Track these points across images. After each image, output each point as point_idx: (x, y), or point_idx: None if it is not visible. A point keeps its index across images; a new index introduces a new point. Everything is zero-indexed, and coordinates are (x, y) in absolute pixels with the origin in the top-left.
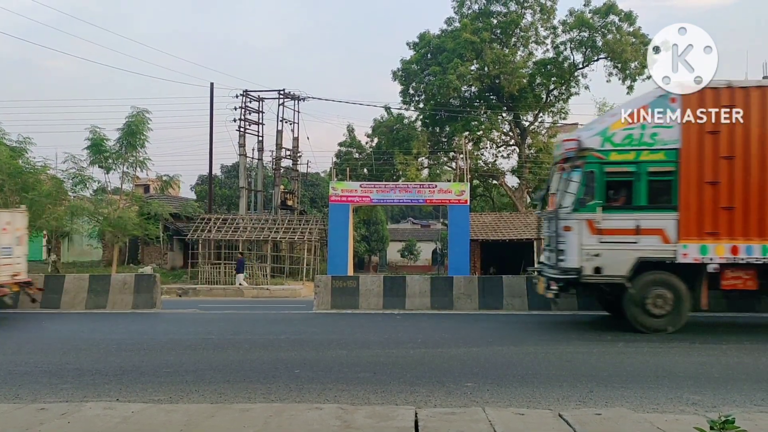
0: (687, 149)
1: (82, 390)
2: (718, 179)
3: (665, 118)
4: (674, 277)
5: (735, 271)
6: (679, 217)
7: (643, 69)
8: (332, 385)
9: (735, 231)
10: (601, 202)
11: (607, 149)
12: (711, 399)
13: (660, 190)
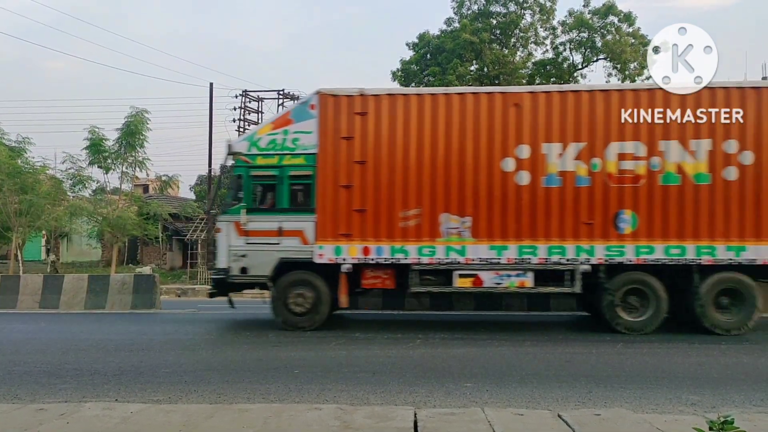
0: (323, 154)
1: (81, 390)
2: (351, 183)
3: (306, 124)
4: (315, 277)
5: (375, 271)
6: (316, 219)
7: (643, 69)
8: (332, 385)
9: (367, 232)
10: (247, 205)
11: (254, 153)
12: (710, 399)
13: (300, 193)
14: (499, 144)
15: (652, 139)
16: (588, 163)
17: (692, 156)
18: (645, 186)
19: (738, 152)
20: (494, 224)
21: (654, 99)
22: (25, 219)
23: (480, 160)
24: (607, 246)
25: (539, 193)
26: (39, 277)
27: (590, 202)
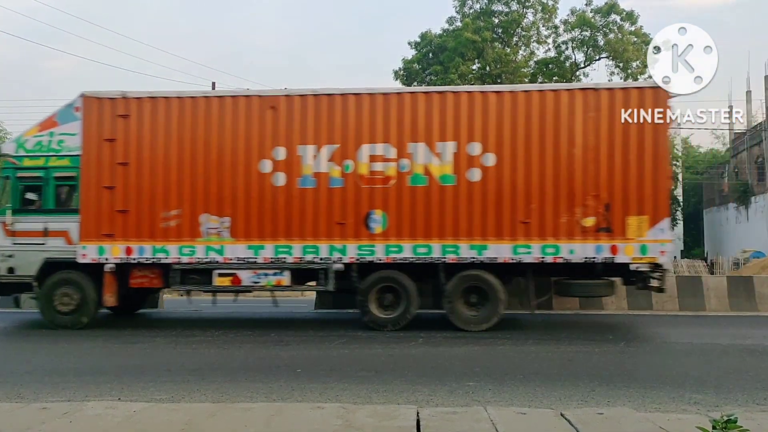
0: (87, 156)
1: (84, 389)
2: (114, 184)
3: (70, 126)
4: (82, 277)
5: (142, 271)
6: (80, 220)
7: (645, 68)
8: (334, 384)
9: (129, 233)
10: (13, 206)
11: (21, 155)
12: (713, 398)
13: (66, 194)
14: (257, 146)
15: (401, 141)
16: (341, 164)
17: (438, 158)
18: (394, 187)
19: (481, 154)
20: (252, 225)
21: (402, 102)
22: None
23: (238, 162)
24: (359, 245)
25: (294, 193)
26: None
27: (343, 203)
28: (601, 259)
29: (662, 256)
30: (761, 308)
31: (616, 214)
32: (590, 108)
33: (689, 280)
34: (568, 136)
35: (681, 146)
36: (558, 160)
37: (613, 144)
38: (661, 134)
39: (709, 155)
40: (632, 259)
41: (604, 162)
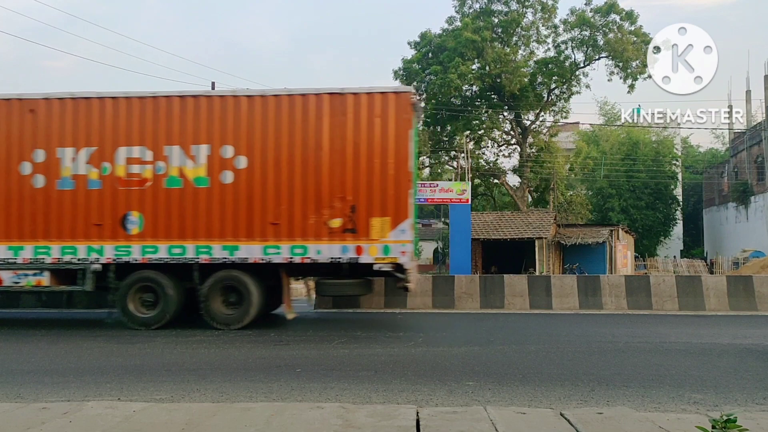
0: None
1: (84, 389)
2: None
3: None
4: None
5: None
6: None
7: (644, 68)
8: (334, 384)
9: None
10: None
11: None
12: (713, 398)
13: None
14: (17, 148)
15: (157, 144)
16: (99, 166)
17: (193, 160)
18: (151, 189)
19: (233, 157)
20: (11, 225)
21: (158, 106)
22: None
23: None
24: (116, 246)
25: (53, 195)
26: None
27: (100, 204)
28: (347, 259)
29: (403, 257)
30: (761, 308)
31: (361, 216)
32: (337, 112)
33: (689, 280)
34: (316, 139)
35: (681, 146)
36: (306, 163)
37: (359, 147)
38: (403, 138)
39: (709, 155)
40: (375, 260)
41: (350, 165)
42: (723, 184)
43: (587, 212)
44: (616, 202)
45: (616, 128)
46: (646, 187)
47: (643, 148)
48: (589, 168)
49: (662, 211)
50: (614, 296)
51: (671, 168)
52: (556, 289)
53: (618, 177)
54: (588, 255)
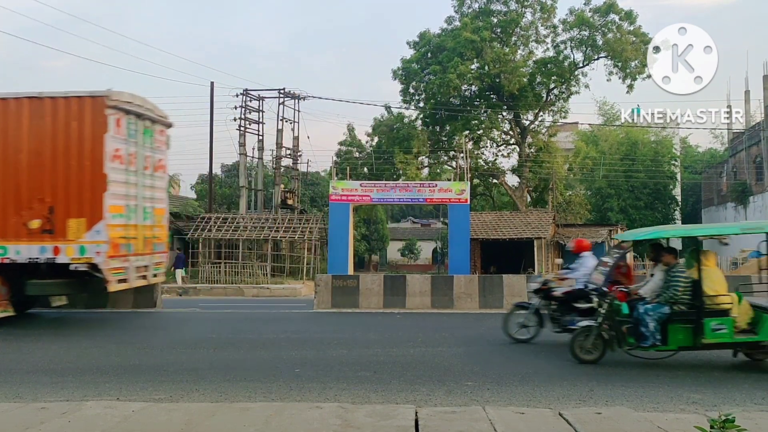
0: None
1: (83, 389)
2: None
3: None
4: None
5: None
6: None
7: (644, 68)
8: (333, 384)
9: None
10: None
11: None
12: (711, 398)
13: None
14: None
15: None
16: None
17: None
18: None
19: None
20: None
21: None
22: None
23: None
24: None
25: None
26: None
27: None
28: (44, 259)
29: (98, 257)
30: None
31: (59, 217)
32: (36, 116)
33: None
34: (16, 142)
35: (679, 146)
36: (7, 165)
37: (57, 150)
38: (99, 141)
39: (708, 155)
40: (72, 260)
41: (49, 167)
42: (722, 184)
43: (586, 212)
44: (615, 202)
45: (615, 128)
46: (645, 187)
47: (642, 148)
48: (588, 168)
49: (661, 211)
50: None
51: (670, 168)
52: None
53: (617, 177)
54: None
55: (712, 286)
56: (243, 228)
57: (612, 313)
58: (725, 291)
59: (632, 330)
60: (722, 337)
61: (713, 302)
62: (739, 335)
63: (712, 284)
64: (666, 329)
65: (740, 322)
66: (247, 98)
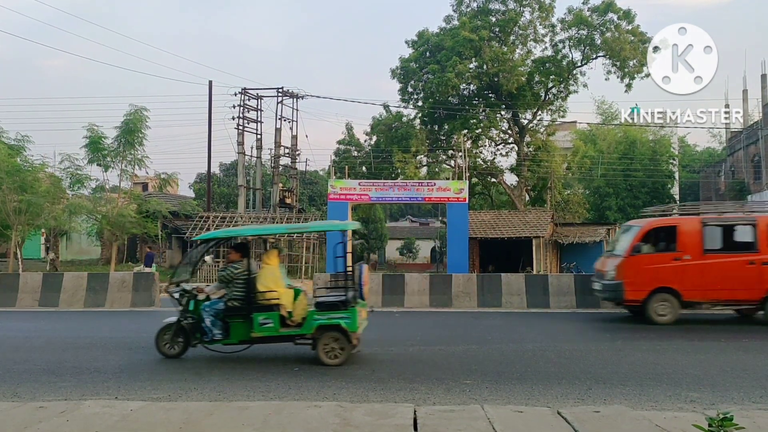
0: None
1: (81, 388)
2: None
3: None
4: None
5: None
6: None
7: (642, 67)
8: (331, 383)
9: None
10: None
11: None
12: (710, 396)
13: None
14: None
15: None
16: None
17: None
18: None
19: None
20: None
21: None
22: (24, 217)
23: None
24: None
25: None
26: (38, 275)
27: None
28: None
29: None
30: None
31: None
32: None
33: None
34: None
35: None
36: None
37: None
38: None
39: (706, 154)
40: None
41: None
42: (720, 183)
43: (584, 211)
44: (613, 200)
45: (614, 127)
46: (643, 186)
47: (640, 147)
48: (587, 167)
49: None
50: None
51: (668, 167)
52: (553, 288)
53: (615, 176)
54: (585, 254)
55: (265, 282)
56: (241, 227)
57: (185, 311)
58: (277, 287)
59: (196, 326)
60: (269, 331)
61: (263, 298)
62: (287, 329)
63: (265, 281)
64: (228, 324)
65: (296, 316)
66: (245, 97)
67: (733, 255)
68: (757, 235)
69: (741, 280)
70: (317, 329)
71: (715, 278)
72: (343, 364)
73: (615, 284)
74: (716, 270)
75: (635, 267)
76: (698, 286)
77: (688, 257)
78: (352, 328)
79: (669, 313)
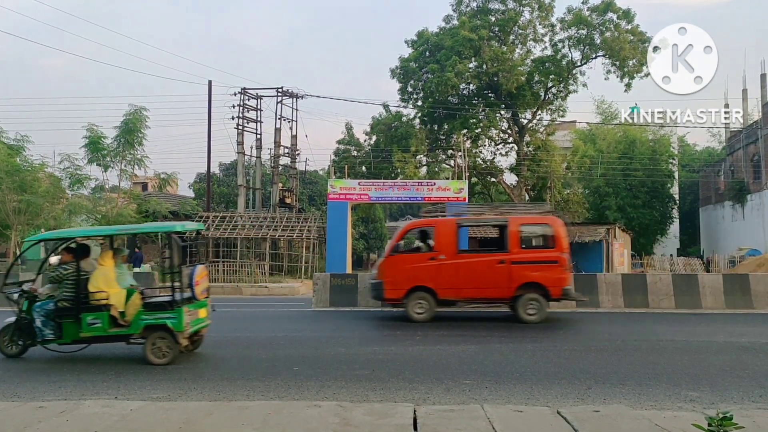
0: None
1: (81, 388)
2: None
3: None
4: None
5: None
6: None
7: (641, 67)
8: (331, 383)
9: None
10: None
11: None
12: (709, 396)
13: None
14: None
15: None
16: None
17: None
18: None
19: None
20: None
21: None
22: (24, 217)
23: None
24: None
25: None
26: None
27: None
28: None
29: None
30: (757, 306)
31: None
32: None
33: (685, 278)
34: None
35: (677, 144)
36: None
37: None
38: None
39: (705, 153)
40: None
41: None
42: (719, 183)
43: (584, 211)
44: (613, 200)
45: (613, 127)
46: (643, 186)
47: (639, 146)
48: (586, 166)
49: (659, 209)
50: (611, 294)
51: (668, 166)
52: None
53: (615, 175)
54: (585, 253)
55: (96, 283)
56: (241, 227)
57: (20, 311)
58: (109, 288)
59: (29, 326)
60: (97, 331)
61: (93, 298)
62: (118, 329)
63: (96, 282)
64: (61, 324)
65: (129, 316)
66: (245, 97)
67: (485, 255)
68: (508, 235)
69: (492, 279)
70: (144, 329)
71: (468, 277)
72: (172, 363)
73: (377, 283)
74: (469, 269)
75: (395, 266)
76: (452, 285)
77: (443, 257)
78: (177, 328)
79: (426, 311)
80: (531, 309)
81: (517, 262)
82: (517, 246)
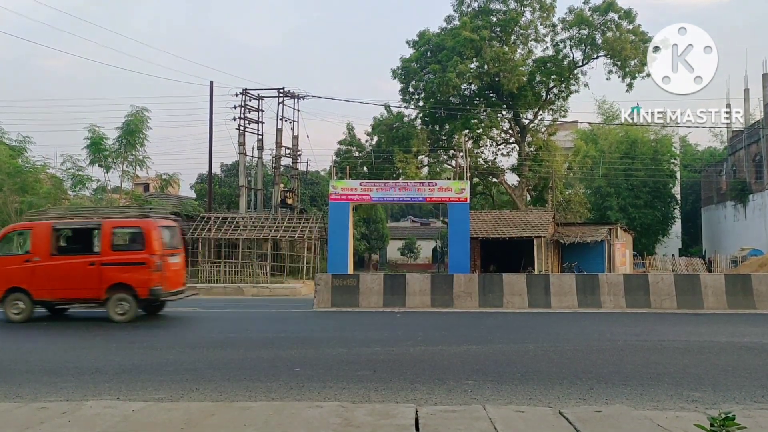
0: None
1: (83, 389)
2: None
3: None
4: None
5: None
6: None
7: (643, 67)
8: (333, 383)
9: None
10: None
11: None
12: (711, 396)
13: None
14: None
15: None
16: None
17: None
18: None
19: None
20: None
21: None
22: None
23: None
24: None
25: None
26: None
27: None
28: None
29: None
30: (759, 306)
31: None
32: None
33: (687, 278)
34: None
35: (679, 144)
36: None
37: None
38: None
39: (707, 153)
40: None
41: None
42: (721, 183)
43: (586, 211)
44: (615, 200)
45: (615, 127)
46: (645, 186)
47: (641, 146)
48: (588, 167)
49: (660, 209)
50: (613, 295)
51: (669, 167)
52: (554, 288)
53: (616, 176)
54: (586, 254)
55: None
56: (242, 227)
57: None
58: None
59: None
60: None
61: None
62: None
63: None
64: None
65: None
66: (246, 98)
67: (78, 257)
68: (101, 238)
69: (84, 281)
70: None
71: (62, 279)
72: None
73: None
74: (62, 271)
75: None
76: (47, 286)
77: (38, 259)
78: None
79: (22, 311)
80: (120, 309)
81: (107, 263)
82: (108, 248)
